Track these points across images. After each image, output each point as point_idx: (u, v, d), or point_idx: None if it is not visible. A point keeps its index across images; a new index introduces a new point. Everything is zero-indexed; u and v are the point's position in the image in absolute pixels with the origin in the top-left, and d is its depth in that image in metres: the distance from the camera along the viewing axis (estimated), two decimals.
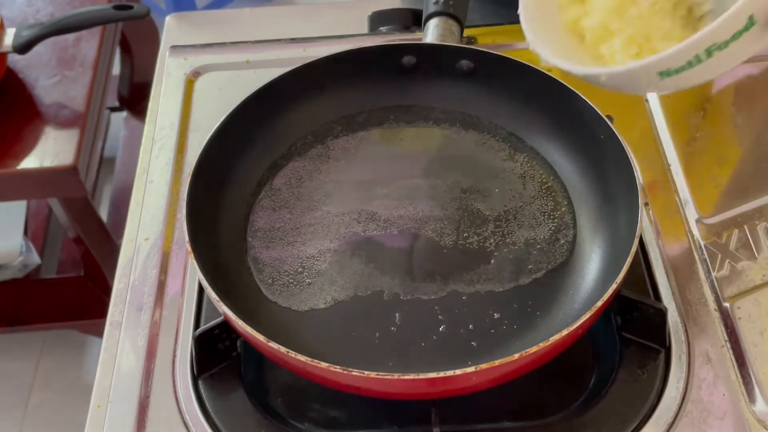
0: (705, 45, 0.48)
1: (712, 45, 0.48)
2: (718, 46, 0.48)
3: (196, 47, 0.91)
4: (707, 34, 0.48)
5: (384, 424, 0.62)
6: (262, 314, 0.64)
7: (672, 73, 0.51)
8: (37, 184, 1.20)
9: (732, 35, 0.48)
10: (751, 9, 0.47)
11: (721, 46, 0.48)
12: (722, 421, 0.60)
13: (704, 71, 0.51)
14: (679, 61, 0.50)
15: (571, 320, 0.58)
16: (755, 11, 0.47)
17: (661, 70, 0.51)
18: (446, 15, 0.78)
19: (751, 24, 0.47)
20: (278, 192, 0.73)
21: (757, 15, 0.47)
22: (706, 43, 0.48)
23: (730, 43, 0.48)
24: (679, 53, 0.49)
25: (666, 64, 0.51)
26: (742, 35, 0.48)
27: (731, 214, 0.72)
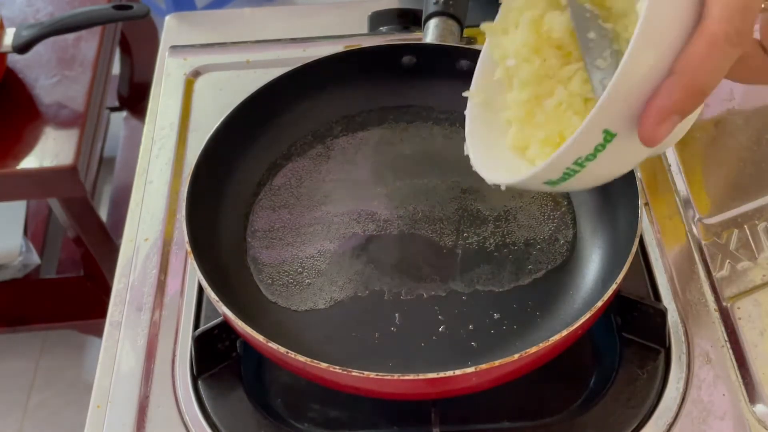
0: (569, 160, 0.47)
1: (578, 158, 0.47)
2: (587, 158, 0.47)
3: (196, 47, 0.91)
4: (565, 151, 0.46)
5: (384, 424, 0.62)
6: (261, 314, 0.64)
7: (557, 182, 0.49)
8: (37, 184, 1.20)
9: (595, 148, 0.46)
10: (600, 125, 0.45)
11: (590, 158, 0.47)
12: (722, 422, 0.60)
13: (594, 175, 0.50)
14: (554, 175, 0.49)
15: (571, 320, 0.58)
16: (608, 126, 0.45)
17: (544, 181, 0.50)
18: (446, 15, 0.78)
19: (611, 136, 0.46)
20: (278, 192, 0.73)
21: (613, 128, 0.45)
22: (570, 158, 0.47)
23: (599, 154, 0.46)
24: (547, 169, 0.48)
25: (542, 178, 0.49)
26: (608, 146, 0.46)
27: (731, 214, 0.72)
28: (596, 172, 0.49)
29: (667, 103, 0.43)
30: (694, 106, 0.44)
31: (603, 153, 0.46)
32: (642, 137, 0.45)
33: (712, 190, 0.74)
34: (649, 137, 0.44)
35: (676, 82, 0.43)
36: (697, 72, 0.43)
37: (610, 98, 0.44)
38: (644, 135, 0.44)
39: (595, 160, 0.47)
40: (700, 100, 0.44)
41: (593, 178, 0.51)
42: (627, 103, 0.44)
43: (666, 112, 0.43)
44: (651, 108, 0.44)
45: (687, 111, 0.44)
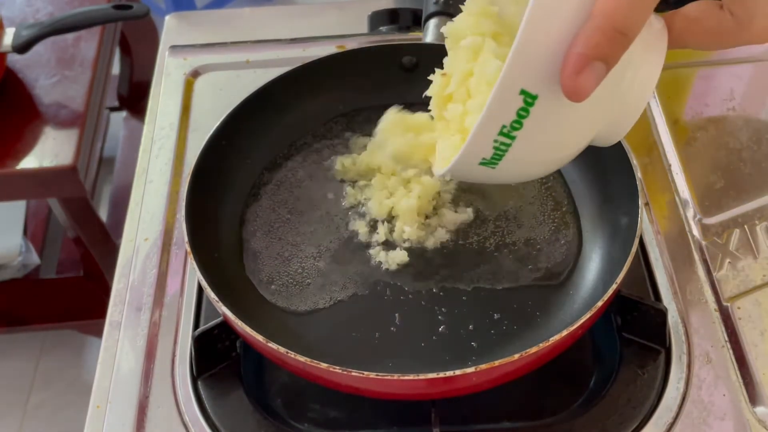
0: (493, 129, 0.43)
1: (502, 127, 0.43)
2: (512, 127, 0.42)
3: (196, 47, 0.91)
4: (484, 117, 0.42)
5: (384, 424, 0.62)
6: (261, 314, 0.64)
7: (495, 162, 0.45)
8: (37, 184, 1.20)
9: (517, 113, 0.42)
10: (515, 85, 0.41)
11: (515, 126, 0.42)
12: (722, 422, 0.60)
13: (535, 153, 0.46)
14: (485, 151, 0.45)
15: (571, 320, 0.58)
16: (525, 86, 0.41)
17: (479, 162, 0.46)
18: (446, 15, 0.78)
19: (532, 98, 0.41)
20: (278, 192, 0.73)
21: (531, 88, 0.41)
22: (492, 126, 0.43)
23: (525, 121, 0.42)
24: (473, 143, 0.44)
25: (473, 156, 0.46)
26: (532, 111, 0.42)
27: (731, 214, 0.72)
28: (531, 149, 0.45)
29: (585, 49, 0.40)
30: (617, 52, 0.41)
31: (528, 119, 0.42)
32: (565, 90, 0.41)
33: (713, 190, 0.74)
34: (573, 89, 0.40)
35: (592, 25, 0.40)
36: (614, 12, 0.40)
37: (518, 52, 0.40)
38: (567, 87, 0.41)
39: (521, 129, 0.43)
40: (622, 43, 0.40)
41: (533, 159, 0.47)
42: (540, 58, 0.40)
43: (584, 59, 0.40)
44: (569, 56, 0.40)
45: (610, 57, 0.40)
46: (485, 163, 0.46)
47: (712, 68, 0.86)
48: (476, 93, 0.51)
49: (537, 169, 0.50)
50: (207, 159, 0.68)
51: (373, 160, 0.71)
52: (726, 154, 0.78)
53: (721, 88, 0.84)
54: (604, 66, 0.41)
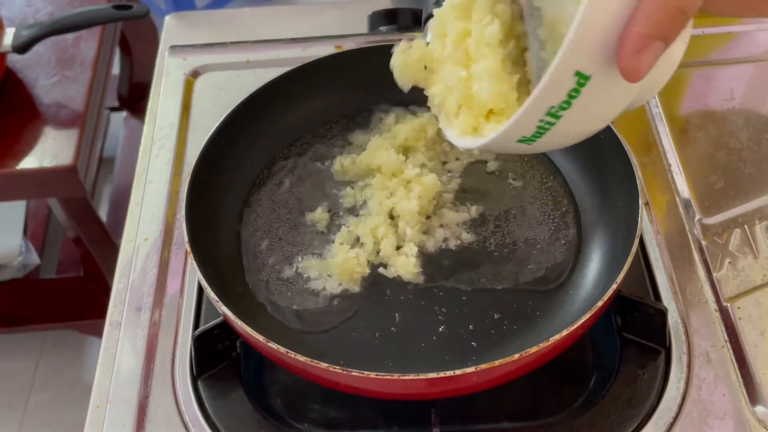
0: (541, 110, 0.43)
1: (550, 108, 0.42)
2: (560, 107, 0.42)
3: (196, 47, 0.91)
4: (534, 100, 0.42)
5: (384, 424, 0.62)
6: (261, 314, 0.64)
7: (532, 139, 0.45)
8: (37, 184, 1.20)
9: (568, 95, 0.42)
10: (571, 67, 0.40)
11: (563, 106, 0.42)
12: (722, 422, 0.60)
13: (571, 129, 0.45)
14: (527, 130, 0.44)
15: (571, 320, 0.58)
16: (580, 68, 0.40)
17: (518, 139, 0.46)
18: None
19: (585, 79, 0.41)
20: (278, 191, 0.73)
21: (586, 69, 0.41)
22: (541, 108, 0.42)
23: (574, 101, 0.42)
24: (519, 123, 0.44)
25: (514, 134, 0.45)
26: (583, 90, 0.41)
27: (731, 214, 0.72)
28: (573, 125, 0.45)
29: (646, 28, 0.39)
30: (677, 31, 0.40)
31: (578, 99, 0.42)
32: (623, 71, 0.40)
33: (713, 190, 0.74)
34: (632, 70, 0.40)
35: (655, 4, 0.39)
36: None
37: (578, 35, 0.39)
38: (626, 68, 0.40)
39: (569, 108, 0.42)
40: (682, 22, 0.40)
41: (571, 133, 0.47)
42: (599, 38, 0.40)
43: (646, 38, 0.39)
44: (629, 36, 0.39)
45: (670, 36, 0.40)
46: (523, 141, 0.46)
47: (712, 68, 0.86)
48: (478, 56, 0.50)
49: (571, 141, 0.49)
50: (207, 159, 0.68)
51: (373, 160, 0.71)
52: (726, 154, 0.78)
53: (721, 88, 0.84)
54: (664, 45, 0.40)
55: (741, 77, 0.85)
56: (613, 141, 0.66)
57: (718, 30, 0.88)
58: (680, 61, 0.48)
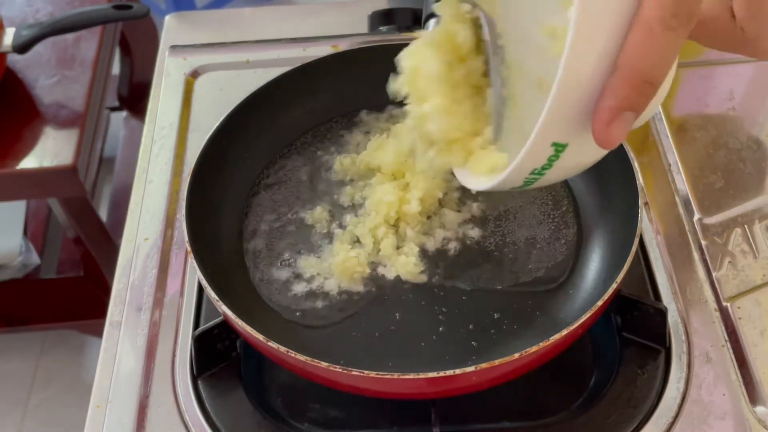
0: (523, 174, 0.46)
1: (533, 170, 0.45)
2: (543, 168, 0.45)
3: (196, 47, 0.91)
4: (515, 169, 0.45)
5: (384, 423, 0.62)
6: (261, 314, 0.64)
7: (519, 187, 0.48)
8: (37, 184, 1.20)
9: (548, 159, 0.44)
10: (548, 139, 0.43)
11: (545, 167, 0.45)
12: (722, 422, 0.60)
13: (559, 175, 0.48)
14: (513, 184, 0.48)
15: (571, 320, 0.58)
16: (556, 139, 0.43)
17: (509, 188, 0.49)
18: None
19: (562, 147, 0.43)
20: (278, 191, 0.73)
21: (562, 139, 0.43)
22: (522, 173, 0.46)
23: (555, 163, 0.45)
24: (504, 184, 0.48)
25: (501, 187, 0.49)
26: (562, 155, 0.44)
27: (731, 214, 0.72)
28: (559, 173, 0.47)
29: (615, 101, 0.41)
30: (645, 100, 0.42)
31: (558, 161, 0.45)
32: (598, 141, 0.42)
33: (713, 190, 0.74)
34: (605, 141, 0.42)
35: (620, 78, 0.40)
36: (640, 63, 0.40)
37: (553, 110, 0.41)
38: (599, 140, 0.42)
39: (551, 168, 0.45)
40: (649, 91, 0.41)
41: (561, 176, 0.50)
42: (572, 111, 0.42)
43: (615, 110, 0.41)
44: (599, 110, 0.41)
45: (639, 106, 0.42)
46: (513, 188, 0.49)
47: (712, 68, 0.86)
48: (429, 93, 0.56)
49: (558, 180, 0.53)
50: (207, 159, 0.68)
51: (373, 160, 0.71)
52: (726, 154, 0.78)
53: (721, 88, 0.84)
54: (634, 115, 0.42)
55: (741, 77, 0.85)
56: None
57: None
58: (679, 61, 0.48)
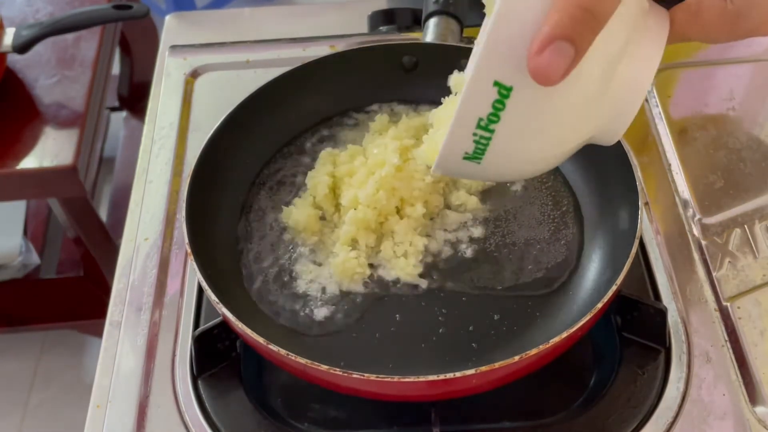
0: (470, 121, 0.42)
1: (479, 120, 0.42)
2: (489, 119, 0.42)
3: (196, 47, 0.91)
4: (460, 109, 0.42)
5: (384, 424, 0.62)
6: (261, 315, 0.64)
7: (478, 156, 0.45)
8: (37, 184, 1.20)
9: (493, 106, 0.41)
10: (488, 76, 0.40)
11: (492, 119, 0.42)
12: (722, 422, 0.60)
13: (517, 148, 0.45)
14: (465, 144, 0.44)
15: (572, 321, 0.58)
16: (498, 77, 0.40)
17: (463, 156, 0.45)
18: (446, 14, 0.78)
19: (507, 90, 0.40)
20: (278, 191, 0.72)
21: (505, 79, 0.40)
22: (469, 118, 0.42)
23: (502, 114, 0.42)
24: (454, 136, 0.44)
25: (455, 150, 0.45)
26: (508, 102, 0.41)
27: (731, 214, 0.72)
28: (518, 144, 0.44)
29: (548, 27, 0.39)
30: (583, 30, 0.39)
31: (506, 112, 0.42)
32: (531, 72, 0.39)
33: (713, 190, 0.74)
34: (535, 70, 0.39)
35: (558, 6, 0.39)
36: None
37: (489, 43, 0.39)
38: (531, 69, 0.39)
39: (500, 122, 0.42)
40: (589, 21, 0.39)
41: (523, 155, 0.46)
42: (512, 47, 0.40)
43: (548, 37, 0.39)
44: (534, 38, 0.39)
45: (576, 37, 0.39)
46: (469, 158, 0.45)
47: (712, 68, 0.86)
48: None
49: (528, 167, 0.49)
50: (207, 159, 0.68)
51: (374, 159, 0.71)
52: (726, 153, 0.78)
53: (721, 88, 0.84)
54: (571, 47, 0.39)
55: (741, 77, 0.85)
56: None
57: None
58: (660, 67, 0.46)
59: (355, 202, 0.67)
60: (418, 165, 0.69)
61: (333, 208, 0.69)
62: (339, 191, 0.69)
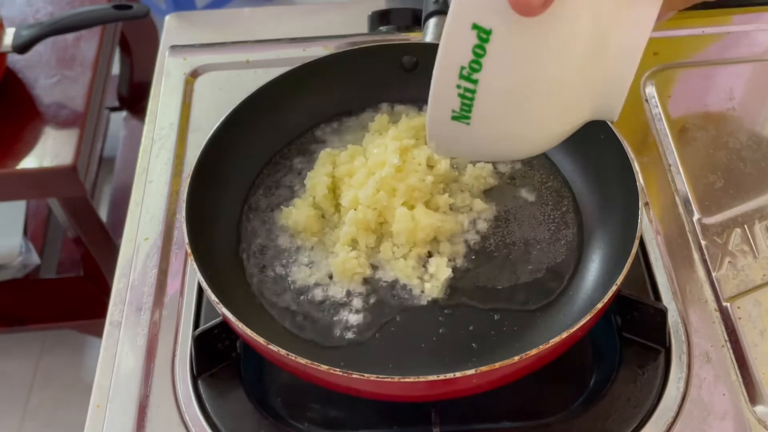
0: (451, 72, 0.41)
1: (461, 69, 0.41)
2: (471, 68, 0.40)
3: (196, 47, 0.91)
4: (440, 57, 0.41)
5: (384, 423, 0.62)
6: (261, 315, 0.64)
7: (466, 114, 0.43)
8: (37, 184, 1.20)
9: (473, 52, 0.40)
10: (466, 18, 0.39)
11: (474, 67, 0.40)
12: (722, 421, 0.60)
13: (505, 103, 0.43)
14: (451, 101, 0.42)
15: (571, 321, 0.58)
16: (476, 19, 0.39)
17: (450, 116, 0.44)
18: (446, 14, 0.77)
19: (486, 33, 0.39)
20: (278, 191, 0.72)
21: (483, 22, 0.39)
22: (450, 68, 0.41)
23: (484, 60, 0.40)
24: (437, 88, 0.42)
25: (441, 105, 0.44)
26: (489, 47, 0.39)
27: (731, 214, 0.72)
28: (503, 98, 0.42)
29: None
30: None
31: (487, 58, 0.40)
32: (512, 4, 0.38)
33: (713, 190, 0.74)
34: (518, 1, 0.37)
35: None
36: None
37: None
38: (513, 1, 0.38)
39: (482, 69, 0.41)
40: None
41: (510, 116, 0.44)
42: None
43: None
44: None
45: None
46: (457, 117, 0.44)
47: (712, 68, 0.86)
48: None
49: (523, 135, 0.46)
50: (207, 159, 0.68)
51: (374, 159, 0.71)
52: (726, 153, 0.78)
53: (721, 88, 0.84)
54: None
55: (741, 77, 0.85)
56: (612, 141, 0.66)
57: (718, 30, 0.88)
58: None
59: (355, 202, 0.67)
60: (418, 165, 0.69)
61: (332, 208, 0.69)
62: (339, 191, 0.69)
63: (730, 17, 0.89)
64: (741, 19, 0.89)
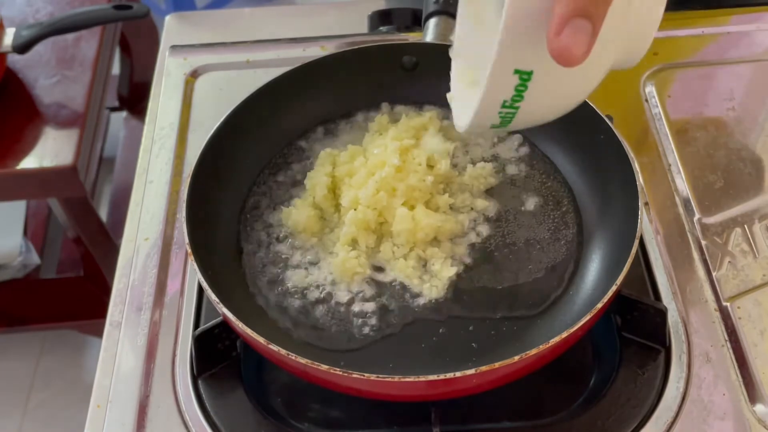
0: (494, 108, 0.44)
1: (503, 102, 0.43)
2: (513, 101, 0.43)
3: (196, 47, 0.91)
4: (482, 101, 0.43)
5: (384, 423, 0.62)
6: (261, 315, 0.64)
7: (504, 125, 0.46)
8: (37, 184, 1.20)
9: (515, 90, 0.42)
10: (508, 67, 0.41)
11: (516, 99, 0.43)
12: (722, 421, 0.60)
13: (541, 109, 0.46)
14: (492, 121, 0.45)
15: (571, 321, 0.58)
16: (518, 65, 0.41)
17: (490, 125, 0.47)
18: (446, 14, 0.78)
19: (527, 74, 0.41)
20: (278, 191, 0.72)
21: (524, 66, 0.41)
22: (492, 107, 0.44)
23: (526, 93, 0.42)
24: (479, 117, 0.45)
25: (481, 125, 0.47)
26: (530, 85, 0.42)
27: (731, 214, 0.72)
28: (539, 107, 0.45)
29: (563, 8, 0.38)
30: (597, 5, 0.39)
31: (529, 92, 0.43)
32: (554, 55, 0.39)
33: (713, 190, 0.74)
34: (558, 52, 0.39)
35: None
36: None
37: (505, 34, 0.40)
38: (553, 52, 0.39)
39: (524, 100, 0.43)
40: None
41: (543, 111, 0.47)
42: (528, 34, 0.40)
43: (565, 17, 0.38)
44: (551, 21, 0.39)
45: (591, 12, 0.39)
46: (496, 127, 0.47)
47: (712, 68, 0.86)
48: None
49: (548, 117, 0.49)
50: (207, 159, 0.68)
51: (374, 159, 0.71)
52: (726, 154, 0.78)
53: (721, 88, 0.84)
54: (588, 22, 0.39)
55: (741, 77, 0.85)
56: (612, 141, 0.66)
57: (717, 30, 0.88)
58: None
59: (355, 202, 0.67)
60: (418, 165, 0.69)
61: (332, 208, 0.69)
62: (339, 192, 0.69)
63: (730, 17, 0.89)
64: (740, 19, 0.89)
